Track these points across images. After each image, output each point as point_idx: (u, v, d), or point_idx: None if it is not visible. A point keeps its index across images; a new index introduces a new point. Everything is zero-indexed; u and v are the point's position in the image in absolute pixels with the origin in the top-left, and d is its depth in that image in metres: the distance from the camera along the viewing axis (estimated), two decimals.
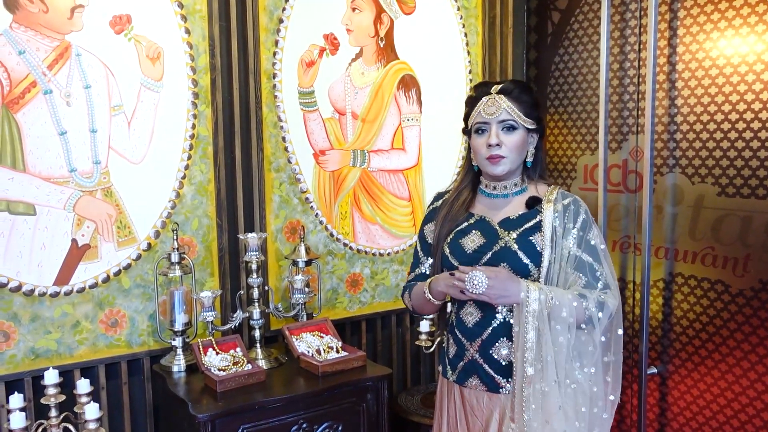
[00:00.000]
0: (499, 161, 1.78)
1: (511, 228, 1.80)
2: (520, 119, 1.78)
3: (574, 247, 1.75)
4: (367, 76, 2.83)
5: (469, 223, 1.86)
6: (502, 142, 1.77)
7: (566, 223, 1.77)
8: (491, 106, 1.78)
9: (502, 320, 1.78)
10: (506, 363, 1.77)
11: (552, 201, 1.80)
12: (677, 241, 2.58)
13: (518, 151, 1.80)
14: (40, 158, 2.18)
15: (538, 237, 1.77)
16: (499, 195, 1.86)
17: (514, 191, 1.86)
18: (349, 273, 2.87)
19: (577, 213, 1.78)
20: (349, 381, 2.25)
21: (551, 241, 1.75)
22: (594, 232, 1.78)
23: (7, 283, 2.16)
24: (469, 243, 1.82)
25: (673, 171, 2.58)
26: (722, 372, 2.44)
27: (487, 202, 1.88)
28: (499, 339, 1.78)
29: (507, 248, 1.78)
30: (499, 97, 1.78)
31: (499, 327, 1.78)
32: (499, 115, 1.76)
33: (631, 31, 2.71)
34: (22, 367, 2.20)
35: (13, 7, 2.10)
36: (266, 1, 2.56)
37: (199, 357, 2.25)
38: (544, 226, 1.76)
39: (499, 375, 1.78)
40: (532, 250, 1.76)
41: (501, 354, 1.77)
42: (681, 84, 2.53)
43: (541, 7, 3.11)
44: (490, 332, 1.79)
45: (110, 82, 2.28)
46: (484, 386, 1.80)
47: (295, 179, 2.69)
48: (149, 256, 2.41)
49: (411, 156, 2.99)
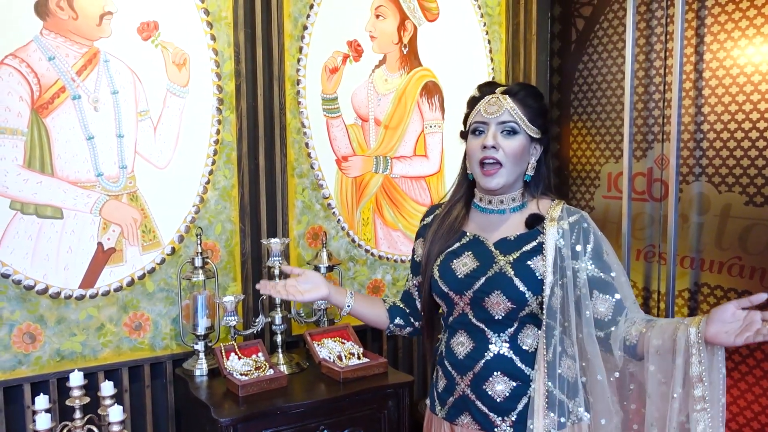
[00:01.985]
0: (493, 173, 1.57)
1: (509, 251, 1.59)
2: (523, 123, 1.57)
3: (594, 270, 1.55)
4: (390, 83, 2.84)
5: (461, 244, 1.65)
6: (500, 146, 1.56)
7: (574, 244, 1.56)
8: (492, 105, 1.58)
9: (497, 352, 1.58)
10: (501, 400, 1.57)
11: (555, 219, 1.57)
12: (703, 251, 2.55)
13: (516, 159, 1.58)
14: (68, 162, 2.21)
15: (538, 261, 1.55)
16: (494, 210, 1.65)
17: (511, 207, 1.64)
18: (370, 279, 2.87)
19: (588, 232, 1.57)
20: (371, 387, 2.24)
21: (554, 266, 1.53)
22: (608, 251, 1.59)
23: (34, 286, 2.19)
24: (461, 267, 1.61)
25: (699, 180, 2.55)
26: (749, 384, 2.40)
27: (482, 219, 1.67)
28: (493, 373, 1.57)
29: (502, 273, 1.56)
30: (503, 97, 1.58)
31: (492, 360, 1.58)
32: (500, 115, 1.56)
33: (657, 38, 2.68)
34: (47, 369, 2.22)
35: (44, 14, 2.14)
36: (291, 8, 2.58)
37: (222, 361, 2.26)
38: (546, 247, 1.55)
39: (494, 413, 1.58)
40: (530, 277, 1.55)
41: (495, 390, 1.57)
42: (708, 92, 2.50)
43: (565, 15, 3.10)
44: (483, 365, 1.58)
45: (137, 88, 2.31)
46: (476, 424, 1.61)
47: (317, 185, 2.70)
48: (173, 260, 2.43)
49: (433, 163, 2.99)
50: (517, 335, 1.58)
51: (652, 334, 1.48)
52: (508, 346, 1.58)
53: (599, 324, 1.56)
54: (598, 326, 1.56)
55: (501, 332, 1.58)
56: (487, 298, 1.56)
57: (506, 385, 1.57)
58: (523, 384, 1.57)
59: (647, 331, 1.50)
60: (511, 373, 1.57)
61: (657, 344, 1.46)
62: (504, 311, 1.56)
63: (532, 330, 1.58)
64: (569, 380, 1.56)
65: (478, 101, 1.64)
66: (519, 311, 1.56)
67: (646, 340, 1.49)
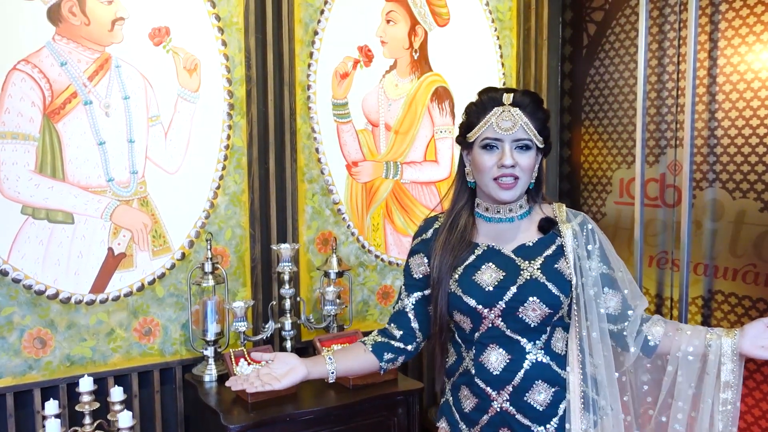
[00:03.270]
0: (511, 186, 1.55)
1: (531, 257, 1.58)
2: (536, 138, 1.55)
3: (603, 267, 1.59)
4: (400, 88, 2.83)
5: (477, 256, 1.61)
6: (517, 163, 1.54)
7: (586, 243, 1.59)
8: (506, 121, 1.53)
9: (535, 360, 1.56)
10: (544, 408, 1.55)
11: (566, 221, 1.61)
12: (717, 258, 2.52)
13: (530, 172, 1.58)
14: (79, 168, 2.22)
15: (562, 264, 1.57)
16: (503, 219, 1.63)
17: (519, 214, 1.63)
18: (380, 285, 2.86)
19: (594, 232, 1.61)
20: (380, 395, 2.23)
21: (574, 267, 1.56)
22: (609, 245, 1.64)
23: (44, 291, 2.19)
24: (486, 278, 1.57)
25: (713, 186, 2.52)
26: (764, 393, 2.37)
27: (490, 229, 1.64)
28: (534, 382, 1.55)
29: (534, 280, 1.55)
30: (514, 111, 1.54)
31: (532, 369, 1.55)
32: (515, 132, 1.53)
33: (669, 43, 2.66)
34: (57, 374, 2.23)
35: (56, 19, 2.15)
36: (302, 13, 2.58)
37: (231, 367, 2.25)
38: (566, 250, 1.57)
39: (536, 423, 1.55)
40: (560, 280, 1.56)
41: (537, 399, 1.55)
42: (721, 97, 2.48)
43: (576, 20, 3.09)
44: (523, 376, 1.55)
45: (148, 93, 2.32)
46: None
47: (327, 190, 2.69)
48: (183, 265, 2.42)
49: (443, 168, 2.98)
50: (550, 340, 1.58)
51: (681, 339, 1.58)
52: (543, 353, 1.56)
53: (612, 319, 1.60)
54: (611, 321, 1.60)
55: (536, 339, 1.56)
56: (522, 307, 1.53)
57: (547, 392, 1.56)
58: (561, 388, 1.57)
59: (674, 335, 1.59)
60: (551, 379, 1.56)
61: (686, 350, 1.58)
62: (540, 318, 1.54)
63: (561, 333, 1.60)
64: (596, 378, 1.59)
65: (484, 111, 1.57)
66: (554, 316, 1.56)
67: (674, 344, 1.58)
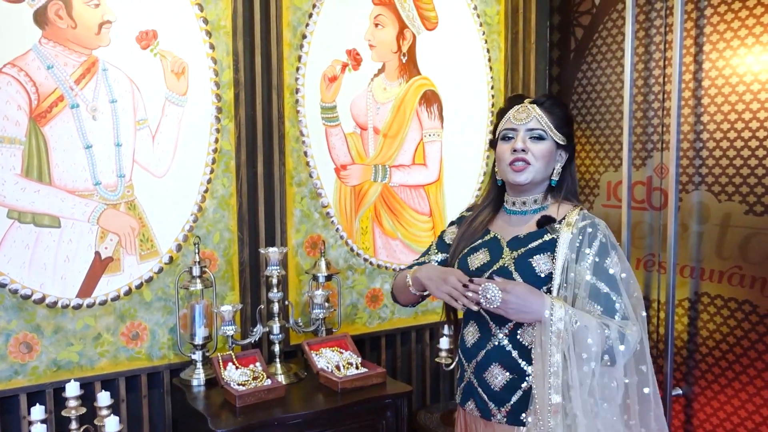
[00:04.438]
0: (522, 168, 1.67)
1: (517, 248, 1.70)
2: (550, 130, 1.68)
3: (588, 274, 1.60)
4: (389, 92, 2.84)
5: (482, 241, 1.78)
6: (529, 149, 1.67)
7: (580, 247, 1.62)
8: (521, 113, 1.70)
9: (496, 344, 1.68)
10: (499, 390, 1.67)
11: (571, 224, 1.65)
12: (703, 260, 2.54)
13: (544, 161, 1.69)
14: (66, 171, 2.21)
15: (540, 259, 1.64)
16: (517, 212, 1.76)
17: (532, 209, 1.75)
18: (369, 288, 2.86)
19: (593, 237, 1.63)
20: (369, 398, 2.23)
21: (562, 268, 1.61)
22: (613, 259, 1.63)
23: (31, 295, 2.18)
24: (475, 261, 1.74)
25: (699, 188, 2.54)
26: (750, 395, 2.38)
27: (505, 219, 1.79)
28: (492, 363, 1.68)
29: (504, 268, 1.68)
30: (531, 106, 1.71)
31: (492, 351, 1.68)
32: (528, 122, 1.68)
33: (656, 47, 2.68)
34: (44, 379, 2.21)
35: (43, 23, 2.14)
36: (290, 17, 2.58)
37: (219, 371, 2.25)
38: (558, 250, 1.62)
39: (492, 402, 1.68)
40: (530, 274, 1.64)
41: (494, 380, 1.67)
42: (707, 100, 2.50)
43: (564, 24, 3.11)
44: (484, 355, 1.69)
45: (135, 97, 2.31)
46: (478, 411, 1.72)
47: (316, 194, 2.69)
48: (171, 269, 2.42)
49: (432, 171, 2.98)
50: (516, 330, 1.66)
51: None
52: (507, 339, 1.66)
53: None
54: None
55: (502, 325, 1.67)
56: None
57: (503, 376, 1.66)
58: (518, 377, 1.64)
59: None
60: (509, 366, 1.65)
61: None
62: None
63: (533, 327, 1.61)
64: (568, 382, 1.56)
65: (506, 111, 1.77)
66: None
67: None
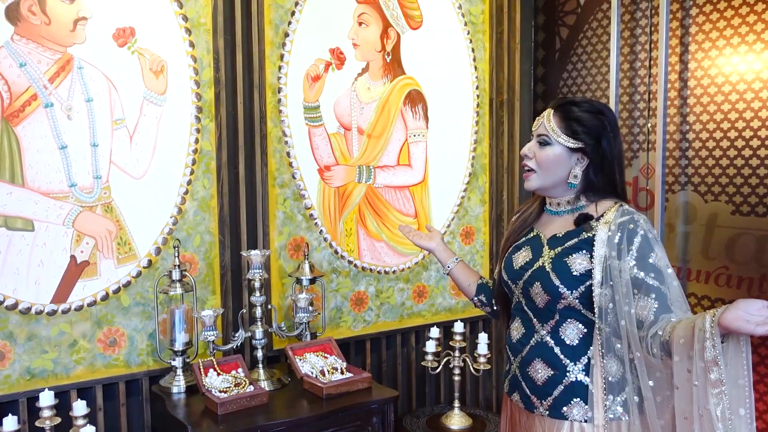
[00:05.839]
0: (527, 176, 1.75)
1: (555, 246, 1.72)
2: (556, 135, 1.68)
3: (635, 270, 1.58)
4: (373, 91, 2.79)
5: (526, 238, 1.82)
6: (534, 155, 1.73)
7: (620, 244, 1.60)
8: (538, 121, 1.75)
9: (539, 340, 1.72)
10: (541, 384, 1.70)
11: (609, 221, 1.64)
12: (690, 261, 2.53)
13: (548, 167, 1.70)
14: (40, 173, 2.13)
15: (576, 258, 1.65)
16: (556, 212, 1.79)
17: (567, 209, 1.76)
18: (353, 291, 2.81)
19: (634, 233, 1.60)
20: (354, 404, 2.18)
21: (602, 265, 1.60)
22: (657, 254, 1.60)
23: (3, 301, 2.10)
24: (518, 259, 1.78)
25: (685, 189, 2.53)
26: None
27: (547, 218, 1.82)
28: (535, 358, 1.72)
29: (542, 267, 1.70)
30: (547, 111, 1.73)
31: (536, 346, 1.72)
32: (538, 128, 1.73)
33: (641, 47, 2.67)
34: (17, 388, 2.13)
35: (15, 19, 2.06)
36: (272, 15, 2.53)
37: (200, 378, 2.19)
38: (595, 248, 1.62)
39: (534, 395, 1.72)
40: (566, 273, 1.65)
41: (537, 375, 1.71)
42: (693, 100, 2.49)
43: (548, 23, 3.09)
44: (528, 350, 1.74)
45: (112, 96, 2.24)
46: (522, 403, 1.76)
47: (299, 195, 2.64)
48: (150, 273, 2.35)
49: (417, 172, 2.94)
50: (558, 327, 1.69)
51: (677, 326, 1.52)
52: (550, 336, 1.70)
53: (640, 325, 1.59)
54: (639, 327, 1.59)
55: (545, 322, 1.71)
56: (531, 289, 1.71)
57: (545, 371, 1.70)
58: (560, 373, 1.68)
59: (677, 324, 1.53)
60: (550, 362, 1.69)
61: (679, 335, 1.50)
62: (544, 302, 1.69)
63: (574, 325, 1.67)
64: (609, 378, 1.62)
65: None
66: (556, 303, 1.66)
67: (674, 332, 1.52)
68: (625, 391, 1.62)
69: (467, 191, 3.11)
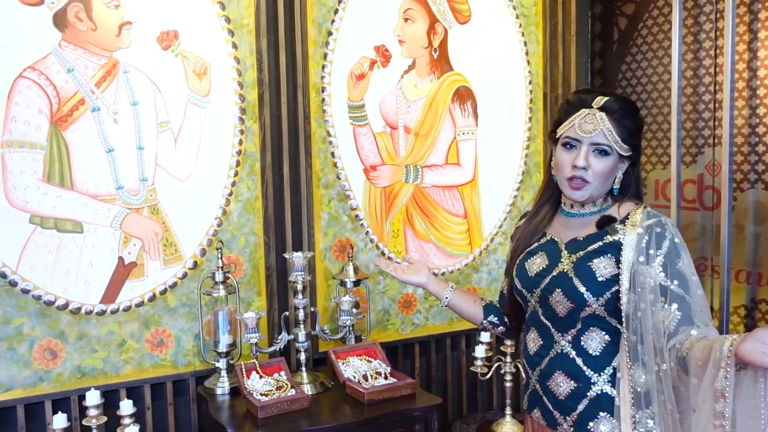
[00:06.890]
0: (580, 187, 1.58)
1: (576, 251, 1.61)
2: (616, 145, 1.55)
3: (661, 277, 1.49)
4: (420, 89, 2.73)
5: (539, 244, 1.70)
6: (590, 166, 1.56)
7: (648, 249, 1.51)
8: (588, 123, 1.55)
9: (559, 351, 1.61)
10: (564, 398, 1.59)
11: (636, 224, 1.55)
12: (761, 264, 2.35)
13: (605, 178, 1.58)
14: (88, 176, 2.17)
15: (600, 262, 1.55)
16: (576, 214, 1.66)
17: (591, 211, 1.65)
18: (401, 293, 2.75)
19: (662, 237, 1.52)
20: (397, 410, 2.12)
21: (630, 272, 1.50)
22: (684, 260, 1.51)
23: (54, 301, 2.15)
24: (533, 266, 1.66)
25: (755, 187, 2.35)
26: None
27: (563, 221, 1.69)
28: (556, 371, 1.61)
29: (563, 273, 1.59)
30: (600, 115, 1.55)
31: (556, 358, 1.61)
32: (594, 136, 1.55)
33: (706, 35, 2.50)
34: (68, 386, 2.19)
35: (62, 25, 2.11)
36: (315, 13, 2.50)
37: (242, 380, 2.18)
38: (624, 252, 1.52)
39: (558, 411, 1.61)
40: (590, 278, 1.55)
41: (558, 389, 1.60)
42: (763, 91, 2.30)
43: (606, 13, 2.94)
44: (548, 362, 1.63)
45: (157, 99, 2.26)
46: (544, 420, 1.65)
47: (344, 196, 2.60)
48: (195, 274, 2.36)
49: (466, 171, 2.86)
50: (580, 336, 1.59)
51: (697, 346, 1.42)
52: (571, 346, 1.60)
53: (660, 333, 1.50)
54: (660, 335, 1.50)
55: (565, 332, 1.61)
56: (551, 297, 1.60)
57: (567, 384, 1.59)
58: (583, 386, 1.57)
59: (696, 343, 1.43)
60: (573, 374, 1.59)
61: (697, 356, 1.40)
62: (566, 310, 1.58)
63: (597, 333, 1.58)
64: (637, 389, 1.50)
65: (572, 111, 1.60)
66: (579, 311, 1.56)
67: (692, 352, 1.43)
68: (655, 403, 1.49)
69: (520, 190, 3.00)
